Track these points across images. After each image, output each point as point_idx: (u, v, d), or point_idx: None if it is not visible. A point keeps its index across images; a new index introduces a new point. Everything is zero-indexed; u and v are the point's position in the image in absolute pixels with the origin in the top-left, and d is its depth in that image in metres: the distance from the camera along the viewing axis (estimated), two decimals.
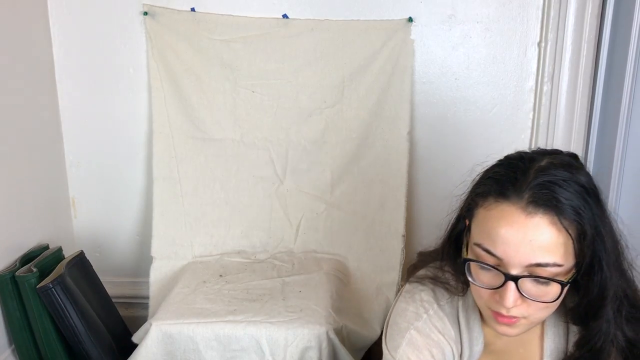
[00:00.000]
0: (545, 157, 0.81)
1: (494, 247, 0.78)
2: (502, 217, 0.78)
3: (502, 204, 0.78)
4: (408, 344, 0.92)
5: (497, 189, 0.79)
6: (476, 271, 0.82)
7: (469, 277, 0.83)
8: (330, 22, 1.68)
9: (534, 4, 1.65)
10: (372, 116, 1.71)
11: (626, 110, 1.63)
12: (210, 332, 1.38)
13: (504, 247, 0.77)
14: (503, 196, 0.78)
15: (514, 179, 0.79)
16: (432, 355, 0.91)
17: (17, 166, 1.58)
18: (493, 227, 0.78)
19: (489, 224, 0.79)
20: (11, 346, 1.52)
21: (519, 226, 0.76)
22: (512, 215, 0.77)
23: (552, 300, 0.79)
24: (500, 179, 0.80)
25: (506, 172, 0.81)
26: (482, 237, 0.80)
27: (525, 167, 0.80)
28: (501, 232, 0.77)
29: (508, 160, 0.84)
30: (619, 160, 1.67)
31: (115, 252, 1.91)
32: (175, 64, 1.71)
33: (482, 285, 0.81)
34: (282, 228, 1.79)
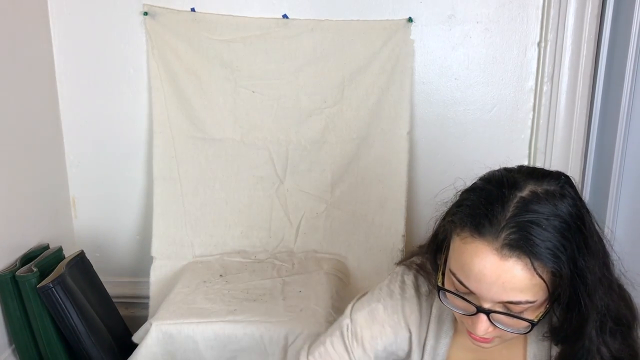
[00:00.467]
0: (529, 182, 0.79)
1: (467, 281, 0.77)
2: (476, 254, 0.76)
3: (477, 240, 0.76)
4: (369, 312, 0.96)
5: (474, 223, 0.77)
6: (450, 296, 0.82)
7: (443, 301, 0.83)
8: (330, 22, 1.68)
9: (534, 4, 1.65)
10: (372, 116, 1.71)
11: (626, 110, 1.63)
12: (210, 332, 1.38)
13: (476, 283, 0.77)
14: (479, 233, 0.76)
15: (492, 213, 0.76)
16: (383, 331, 0.95)
17: (17, 166, 1.58)
18: (467, 263, 0.77)
19: (463, 257, 0.78)
20: (11, 346, 1.52)
21: (492, 267, 0.75)
22: (486, 256, 0.75)
23: (523, 333, 0.79)
24: (477, 212, 0.78)
25: (485, 204, 0.78)
26: (456, 267, 0.80)
27: (504, 197, 0.77)
28: (474, 269, 0.76)
29: (488, 186, 0.81)
30: (619, 160, 1.67)
31: (115, 252, 1.91)
32: (175, 64, 1.71)
33: (456, 310, 0.82)
34: (282, 228, 1.79)
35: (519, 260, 0.74)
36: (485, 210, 0.77)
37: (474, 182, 0.84)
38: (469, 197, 0.82)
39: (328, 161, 1.75)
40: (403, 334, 0.97)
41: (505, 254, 0.74)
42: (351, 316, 0.98)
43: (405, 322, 0.97)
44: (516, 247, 0.74)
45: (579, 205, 0.78)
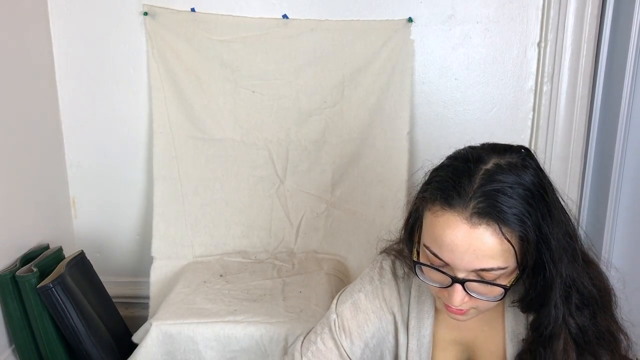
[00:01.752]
0: (493, 156, 0.83)
1: (441, 252, 0.81)
2: (447, 225, 0.80)
3: (447, 212, 0.80)
4: (352, 303, 1.01)
5: (443, 196, 0.81)
6: (426, 270, 0.86)
7: (419, 276, 0.87)
8: (330, 22, 1.68)
9: (534, 4, 1.65)
10: (372, 116, 1.71)
11: (626, 110, 1.63)
12: (210, 332, 1.38)
13: (449, 254, 0.80)
14: (448, 205, 0.80)
15: (459, 185, 0.81)
16: (368, 319, 1.00)
17: (17, 166, 1.58)
18: (439, 235, 0.81)
19: (435, 230, 0.82)
20: (11, 346, 1.52)
21: (463, 236, 0.79)
22: (457, 225, 0.79)
23: (496, 300, 0.84)
24: (446, 186, 0.82)
25: (452, 178, 0.82)
26: (429, 240, 0.83)
27: (470, 171, 0.82)
28: (446, 240, 0.80)
29: (454, 162, 0.85)
30: (619, 160, 1.67)
31: (115, 252, 1.91)
32: (175, 64, 1.71)
33: (432, 284, 0.86)
34: (282, 228, 1.79)
35: (488, 227, 0.78)
36: (454, 183, 0.82)
37: (442, 161, 0.89)
38: (438, 174, 0.86)
39: (328, 161, 1.75)
40: (387, 317, 1.01)
41: (474, 222, 0.78)
42: (337, 310, 1.02)
43: (387, 306, 1.01)
44: (484, 214, 0.78)
45: (541, 176, 0.83)
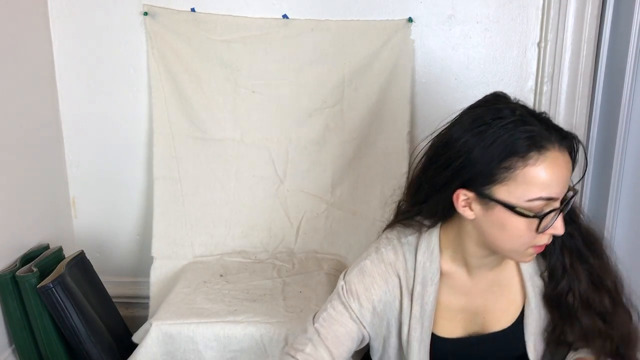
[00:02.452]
0: (509, 105, 0.93)
1: (552, 191, 0.88)
2: (552, 163, 0.87)
3: (544, 152, 0.87)
4: (359, 270, 1.06)
5: (532, 143, 0.87)
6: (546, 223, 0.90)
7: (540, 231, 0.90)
8: (330, 22, 1.68)
9: (534, 4, 1.65)
10: (372, 116, 1.71)
11: (626, 110, 1.63)
12: (210, 332, 1.38)
13: (560, 187, 0.89)
14: (543, 147, 0.87)
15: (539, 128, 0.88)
16: (374, 281, 1.04)
17: (17, 166, 1.58)
18: (548, 174, 0.87)
19: (542, 174, 0.88)
20: (11, 346, 1.52)
21: (562, 164, 0.89)
22: (557, 159, 0.88)
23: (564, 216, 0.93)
24: (525, 136, 0.88)
25: (526, 128, 0.88)
26: (538, 189, 0.88)
27: (523, 116, 0.90)
28: (555, 175, 0.88)
29: (498, 121, 0.90)
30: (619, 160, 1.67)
31: (115, 252, 1.91)
32: (175, 64, 1.71)
33: (545, 229, 0.90)
34: (282, 228, 1.79)
35: (569, 154, 0.90)
36: (521, 131, 0.88)
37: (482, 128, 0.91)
38: (501, 136, 0.89)
39: (328, 161, 1.75)
40: (393, 280, 1.05)
41: (562, 149, 0.89)
42: (344, 278, 1.06)
43: (393, 269, 1.05)
44: (564, 138, 0.90)
45: None
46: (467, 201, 0.93)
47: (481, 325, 1.08)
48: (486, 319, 1.08)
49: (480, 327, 1.08)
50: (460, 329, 1.09)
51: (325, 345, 1.01)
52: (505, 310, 1.07)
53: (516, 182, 0.88)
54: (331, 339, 1.02)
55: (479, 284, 1.07)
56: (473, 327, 1.08)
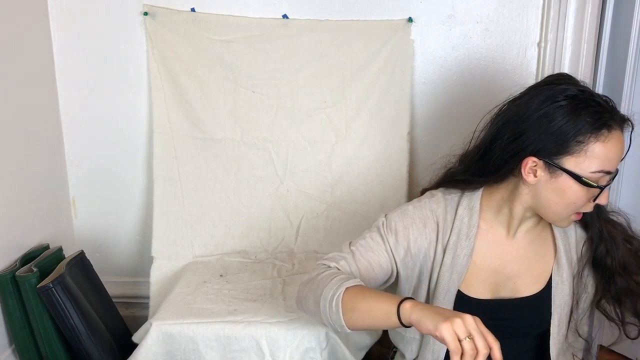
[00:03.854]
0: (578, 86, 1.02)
1: (612, 166, 1.00)
2: (617, 142, 1.00)
3: (612, 132, 0.99)
4: (401, 211, 1.15)
5: (604, 122, 0.99)
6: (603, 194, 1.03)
7: (599, 201, 1.04)
8: (330, 22, 1.68)
9: (533, 4, 1.65)
10: (372, 116, 1.71)
11: (626, 110, 1.63)
12: (210, 332, 1.38)
13: (617, 163, 1.01)
14: (611, 126, 0.99)
15: (607, 110, 1.00)
16: (413, 222, 1.12)
17: (17, 166, 1.58)
18: (612, 151, 0.99)
19: (608, 151, 0.99)
20: (11, 346, 1.52)
21: (622, 143, 1.01)
22: (620, 137, 1.00)
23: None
24: (597, 114, 0.99)
25: (597, 108, 0.99)
26: (604, 164, 1.00)
27: (593, 96, 1.01)
28: (618, 152, 1.00)
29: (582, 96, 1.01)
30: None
31: (115, 252, 1.91)
32: (175, 64, 1.71)
33: (595, 198, 1.03)
34: (282, 228, 1.79)
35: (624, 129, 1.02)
36: (596, 110, 0.99)
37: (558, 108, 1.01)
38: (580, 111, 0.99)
39: (328, 161, 1.75)
40: (431, 225, 1.13)
41: (622, 129, 1.01)
42: (386, 216, 1.15)
43: (433, 215, 1.13)
44: (624, 120, 1.02)
45: None
46: (534, 168, 1.03)
47: (511, 291, 1.12)
48: (517, 285, 1.12)
49: (510, 292, 1.12)
50: (489, 292, 1.13)
51: (357, 266, 1.09)
52: (536, 278, 1.12)
53: (585, 155, 0.99)
54: (364, 262, 1.10)
55: (515, 247, 1.13)
56: (503, 291, 1.12)
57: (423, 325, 0.86)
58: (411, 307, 0.89)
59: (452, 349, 0.82)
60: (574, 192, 1.01)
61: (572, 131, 0.99)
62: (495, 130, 1.08)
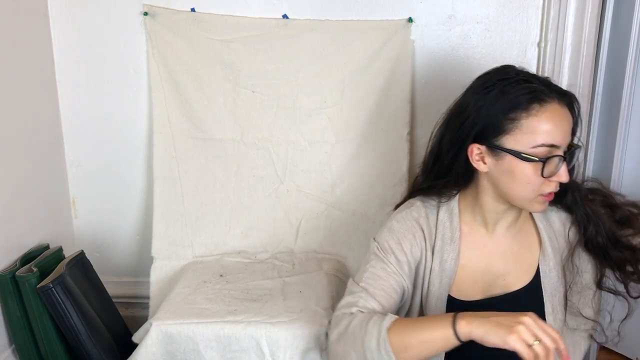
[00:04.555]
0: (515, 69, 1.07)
1: (555, 139, 1.00)
2: (553, 114, 1.00)
3: (545, 105, 1.01)
4: (388, 229, 1.17)
5: (534, 97, 1.01)
6: (548, 169, 1.02)
7: (545, 175, 1.02)
8: (330, 22, 1.68)
9: (534, 4, 1.65)
10: (372, 116, 1.71)
11: (626, 110, 1.63)
12: (210, 332, 1.38)
13: (561, 136, 1.01)
14: (544, 100, 1.01)
15: (539, 86, 1.02)
16: (404, 236, 1.15)
17: (17, 166, 1.58)
18: (549, 123, 1.00)
19: (543, 124, 1.00)
20: (11, 346, 1.52)
21: (562, 114, 1.01)
22: (557, 110, 1.01)
23: (571, 167, 1.05)
24: (527, 92, 1.01)
25: (527, 86, 1.02)
26: (542, 137, 1.00)
27: (526, 76, 1.05)
28: (557, 124, 1.00)
29: (513, 80, 1.04)
30: (619, 160, 1.67)
31: (115, 252, 1.91)
32: (175, 64, 1.71)
33: (553, 174, 1.02)
34: (282, 228, 1.79)
35: (568, 106, 1.03)
36: (530, 88, 1.02)
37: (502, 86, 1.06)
38: (511, 90, 1.03)
39: (328, 161, 1.75)
40: (419, 233, 1.15)
41: (561, 102, 1.02)
42: (376, 239, 1.17)
43: (417, 223, 1.16)
44: (564, 97, 1.03)
45: None
46: (480, 155, 1.06)
47: (502, 287, 1.13)
48: (507, 281, 1.13)
49: (501, 289, 1.13)
50: (481, 292, 1.14)
51: (376, 300, 1.09)
52: (525, 271, 1.13)
53: (522, 132, 1.01)
54: (380, 293, 1.10)
55: (499, 244, 1.14)
56: (494, 289, 1.13)
57: (489, 341, 0.89)
58: (468, 325, 0.92)
59: (527, 357, 0.86)
60: (522, 171, 1.02)
61: (503, 110, 1.02)
62: (442, 131, 1.14)
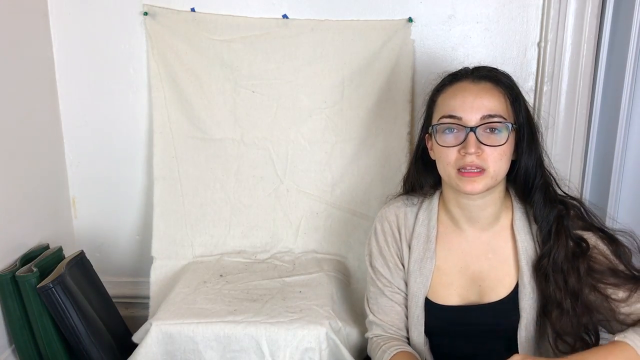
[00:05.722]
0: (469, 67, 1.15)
1: (455, 110, 1.06)
2: (457, 89, 1.09)
3: (454, 83, 1.10)
4: (370, 252, 1.27)
5: (449, 79, 1.13)
6: (442, 138, 1.08)
7: (439, 142, 1.08)
8: (330, 22, 1.68)
9: (534, 4, 1.65)
10: (372, 116, 1.71)
11: (626, 110, 1.63)
12: (210, 332, 1.38)
13: (462, 106, 1.05)
14: (455, 80, 1.11)
15: (460, 71, 1.13)
16: (385, 241, 1.22)
17: (17, 166, 1.58)
18: (451, 98, 1.08)
19: (447, 99, 1.09)
20: (11, 346, 1.52)
21: (470, 89, 1.07)
22: (463, 86, 1.09)
23: (503, 142, 1.05)
24: (448, 77, 1.14)
25: (453, 72, 1.14)
26: (444, 110, 1.08)
27: (466, 67, 1.14)
28: (458, 98, 1.07)
29: (453, 71, 1.16)
30: (619, 160, 1.67)
31: (115, 252, 1.91)
32: (175, 64, 1.71)
33: (450, 144, 1.06)
34: (282, 228, 1.79)
35: (487, 83, 1.08)
36: (455, 72, 1.14)
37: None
38: (441, 80, 1.17)
39: (328, 161, 1.75)
40: (396, 235, 1.22)
41: (476, 80, 1.09)
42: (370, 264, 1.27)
43: (391, 227, 1.22)
44: (484, 76, 1.09)
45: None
46: (430, 143, 1.14)
47: (478, 294, 1.14)
48: (482, 288, 1.14)
49: (477, 296, 1.14)
50: (457, 297, 1.15)
51: (391, 320, 1.23)
52: (500, 280, 1.13)
53: (436, 110, 1.12)
54: (381, 318, 1.24)
55: (474, 246, 1.15)
56: (470, 295, 1.14)
57: None
58: None
59: None
60: (435, 144, 1.10)
61: (429, 99, 1.16)
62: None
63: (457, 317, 1.15)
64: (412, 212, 1.21)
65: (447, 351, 1.20)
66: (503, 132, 1.06)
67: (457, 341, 1.18)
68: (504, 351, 1.13)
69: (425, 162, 1.20)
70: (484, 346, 1.15)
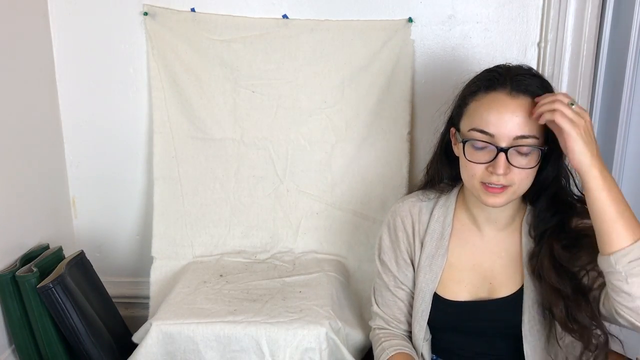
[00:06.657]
0: (513, 66, 1.07)
1: (488, 126, 1.00)
2: (492, 101, 1.01)
3: (490, 92, 1.02)
4: (380, 248, 1.26)
5: (485, 84, 1.03)
6: (471, 152, 1.03)
7: (467, 157, 1.03)
8: (330, 22, 1.68)
9: (534, 4, 1.65)
10: (372, 116, 1.71)
11: (626, 110, 1.63)
12: (210, 332, 1.38)
13: (498, 126, 0.99)
14: (491, 88, 1.02)
15: (495, 75, 1.03)
16: (397, 235, 1.22)
17: (17, 166, 1.58)
18: (486, 110, 1.01)
19: (481, 109, 1.02)
20: (11, 346, 1.52)
21: (507, 104, 0.99)
22: (500, 99, 1.00)
23: (533, 166, 1.01)
24: (484, 78, 1.05)
25: (489, 74, 1.06)
26: (476, 122, 1.02)
27: (502, 69, 1.05)
28: (492, 112, 1.00)
29: (487, 70, 1.09)
30: (619, 160, 1.67)
31: (115, 252, 1.91)
32: (175, 64, 1.71)
33: (479, 161, 1.02)
34: (282, 228, 1.79)
35: (525, 98, 1.00)
36: (489, 75, 1.05)
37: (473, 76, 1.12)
38: (474, 79, 1.09)
39: (328, 161, 1.75)
40: (408, 231, 1.20)
41: (514, 95, 1.00)
42: (378, 257, 1.27)
43: (403, 224, 1.21)
44: (522, 90, 1.00)
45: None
46: (455, 137, 1.11)
47: (487, 291, 1.14)
48: (493, 285, 1.14)
49: (486, 293, 1.14)
50: (467, 293, 1.15)
51: (394, 314, 1.24)
52: (510, 278, 1.13)
53: (467, 115, 1.06)
54: (385, 310, 1.25)
55: (488, 244, 1.15)
56: (480, 292, 1.14)
57: None
58: None
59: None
60: (461, 153, 1.06)
61: (461, 95, 1.10)
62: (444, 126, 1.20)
63: (465, 312, 1.15)
64: (428, 207, 1.19)
65: (449, 347, 1.20)
66: (534, 155, 1.01)
67: (461, 337, 1.18)
68: (508, 349, 1.15)
69: (448, 155, 1.17)
70: (488, 343, 1.16)
